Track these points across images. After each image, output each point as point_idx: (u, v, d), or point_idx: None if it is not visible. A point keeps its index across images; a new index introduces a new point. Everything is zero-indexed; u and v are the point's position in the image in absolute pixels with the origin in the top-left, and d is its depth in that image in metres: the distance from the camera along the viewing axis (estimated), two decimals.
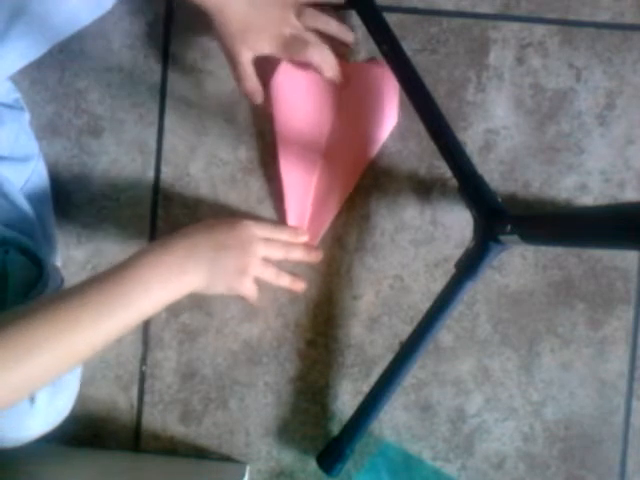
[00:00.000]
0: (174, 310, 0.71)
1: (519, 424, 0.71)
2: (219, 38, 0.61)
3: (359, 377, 0.71)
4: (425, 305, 0.65)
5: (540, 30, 0.70)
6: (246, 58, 0.61)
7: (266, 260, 0.62)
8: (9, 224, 0.61)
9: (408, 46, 0.68)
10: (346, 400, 0.71)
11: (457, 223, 0.70)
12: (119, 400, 0.72)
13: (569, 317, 0.71)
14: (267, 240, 0.62)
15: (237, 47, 0.60)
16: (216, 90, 0.71)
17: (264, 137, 0.71)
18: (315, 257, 0.68)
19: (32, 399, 0.55)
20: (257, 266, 0.61)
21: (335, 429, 0.71)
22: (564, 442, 0.71)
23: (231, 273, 0.58)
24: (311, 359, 0.71)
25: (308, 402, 0.72)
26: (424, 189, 0.71)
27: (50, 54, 0.65)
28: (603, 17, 0.70)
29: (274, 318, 0.71)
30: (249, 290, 0.61)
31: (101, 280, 0.50)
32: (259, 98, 0.64)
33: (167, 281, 0.52)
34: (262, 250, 0.61)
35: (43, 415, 0.56)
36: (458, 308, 0.69)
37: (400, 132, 0.70)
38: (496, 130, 0.70)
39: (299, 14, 0.63)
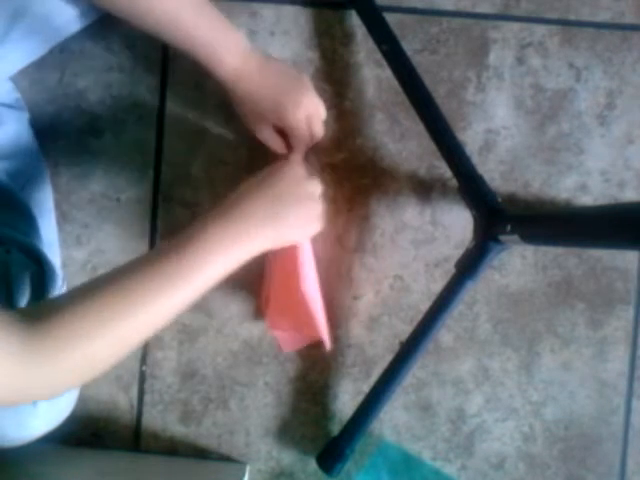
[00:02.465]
0: None
1: (519, 424, 0.71)
2: (236, 109, 0.62)
3: (359, 377, 0.71)
4: (425, 305, 0.65)
5: (540, 30, 0.70)
6: (267, 131, 0.62)
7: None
8: (10, 224, 0.61)
9: (408, 46, 0.68)
10: (346, 400, 0.71)
11: (457, 223, 0.70)
12: (119, 400, 0.72)
13: (569, 317, 0.71)
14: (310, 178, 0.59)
15: (256, 124, 0.61)
16: (216, 90, 0.71)
17: None
18: None
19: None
20: (319, 205, 0.58)
21: (335, 429, 0.71)
22: (564, 442, 0.71)
23: (300, 225, 0.56)
24: (311, 359, 0.71)
25: (308, 402, 0.72)
26: (424, 189, 0.71)
27: (50, 54, 0.65)
28: (603, 17, 0.70)
29: None
30: (323, 225, 0.59)
31: (167, 254, 0.48)
32: (283, 150, 0.64)
33: (232, 250, 0.51)
34: (317, 190, 0.58)
35: (44, 414, 0.56)
36: (458, 308, 0.69)
37: (400, 132, 0.70)
38: (496, 130, 0.70)
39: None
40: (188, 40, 0.55)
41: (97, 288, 0.45)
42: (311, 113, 0.61)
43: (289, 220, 0.55)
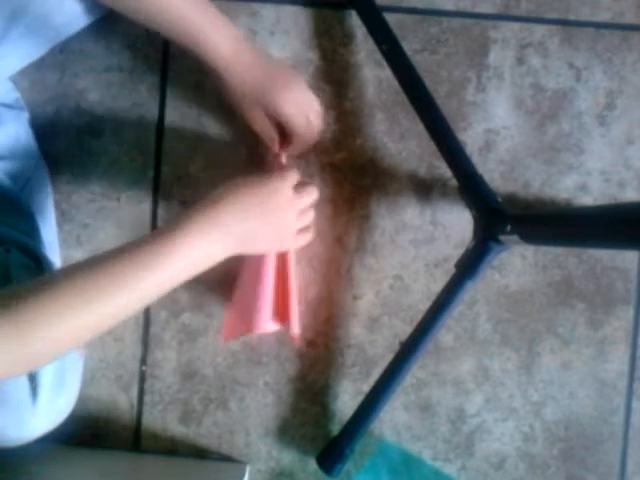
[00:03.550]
0: (174, 310, 0.71)
1: (519, 424, 0.71)
2: (230, 98, 0.61)
3: (359, 377, 0.71)
4: (425, 305, 0.65)
5: (540, 30, 0.70)
6: (259, 119, 0.61)
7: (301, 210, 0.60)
8: (10, 224, 0.62)
9: (408, 46, 0.68)
10: (346, 400, 0.71)
11: (457, 223, 0.70)
12: (119, 400, 0.72)
13: (569, 317, 0.71)
14: (298, 193, 0.58)
15: (249, 112, 0.61)
16: (216, 90, 0.71)
17: None
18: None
19: (34, 398, 0.55)
20: (295, 226, 0.59)
21: (335, 429, 0.71)
22: (564, 442, 0.71)
23: (267, 242, 0.57)
24: (311, 359, 0.71)
25: (308, 402, 0.72)
26: (424, 189, 0.71)
27: (50, 54, 0.65)
28: (603, 17, 0.70)
29: None
30: (297, 244, 0.60)
31: (137, 247, 0.49)
32: (273, 141, 0.64)
33: (200, 248, 0.50)
34: (296, 208, 0.58)
35: (45, 414, 0.56)
36: (458, 308, 0.69)
37: (400, 132, 0.70)
38: (496, 130, 0.70)
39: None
40: (180, 27, 0.55)
41: (64, 276, 0.46)
42: (306, 106, 0.61)
43: (256, 234, 0.55)
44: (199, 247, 0.50)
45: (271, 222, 0.56)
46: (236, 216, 0.53)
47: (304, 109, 0.61)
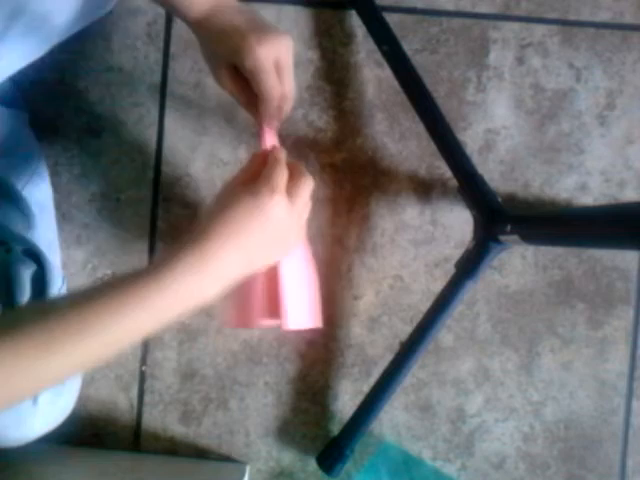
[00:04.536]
0: None
1: (519, 424, 0.71)
2: (205, 57, 0.56)
3: (359, 377, 0.71)
4: (425, 305, 0.65)
5: (540, 30, 0.70)
6: (225, 76, 0.55)
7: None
8: (10, 223, 0.62)
9: (408, 46, 0.68)
10: (346, 400, 0.71)
11: (457, 223, 0.70)
12: (119, 400, 0.72)
13: (569, 317, 0.71)
14: (293, 196, 0.51)
15: (217, 68, 0.55)
16: (216, 90, 0.71)
17: None
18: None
19: (34, 398, 0.55)
20: (300, 226, 0.54)
21: (335, 429, 0.71)
22: (564, 442, 0.71)
23: (283, 250, 0.52)
24: (311, 359, 0.71)
25: (308, 402, 0.72)
26: (424, 189, 0.71)
27: (50, 54, 0.65)
28: (603, 17, 0.70)
29: None
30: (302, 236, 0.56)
31: (122, 288, 0.43)
32: (243, 101, 0.58)
33: (202, 283, 0.47)
34: (297, 212, 0.52)
35: (45, 414, 0.56)
36: (458, 308, 0.69)
37: (400, 132, 0.70)
38: (496, 130, 0.70)
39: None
40: None
41: (40, 318, 0.41)
42: (277, 60, 0.53)
43: (266, 254, 0.51)
44: (191, 289, 0.46)
45: (277, 238, 0.51)
46: (237, 252, 0.48)
47: (272, 61, 0.52)
